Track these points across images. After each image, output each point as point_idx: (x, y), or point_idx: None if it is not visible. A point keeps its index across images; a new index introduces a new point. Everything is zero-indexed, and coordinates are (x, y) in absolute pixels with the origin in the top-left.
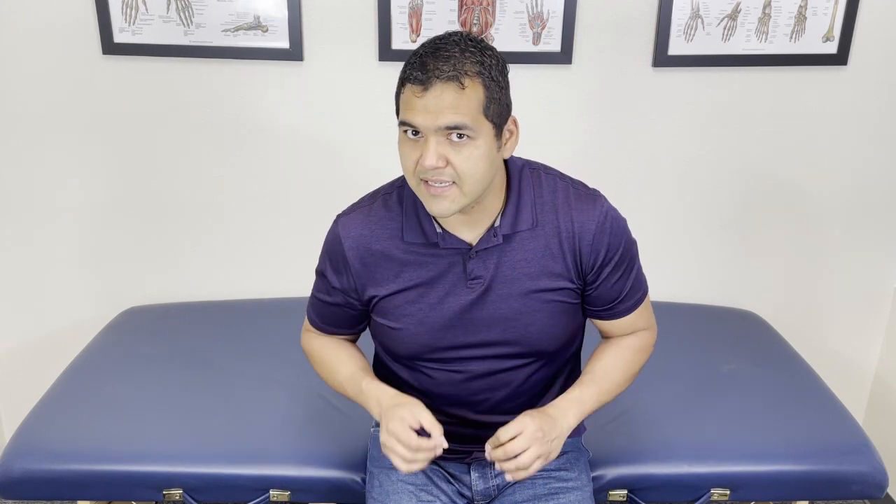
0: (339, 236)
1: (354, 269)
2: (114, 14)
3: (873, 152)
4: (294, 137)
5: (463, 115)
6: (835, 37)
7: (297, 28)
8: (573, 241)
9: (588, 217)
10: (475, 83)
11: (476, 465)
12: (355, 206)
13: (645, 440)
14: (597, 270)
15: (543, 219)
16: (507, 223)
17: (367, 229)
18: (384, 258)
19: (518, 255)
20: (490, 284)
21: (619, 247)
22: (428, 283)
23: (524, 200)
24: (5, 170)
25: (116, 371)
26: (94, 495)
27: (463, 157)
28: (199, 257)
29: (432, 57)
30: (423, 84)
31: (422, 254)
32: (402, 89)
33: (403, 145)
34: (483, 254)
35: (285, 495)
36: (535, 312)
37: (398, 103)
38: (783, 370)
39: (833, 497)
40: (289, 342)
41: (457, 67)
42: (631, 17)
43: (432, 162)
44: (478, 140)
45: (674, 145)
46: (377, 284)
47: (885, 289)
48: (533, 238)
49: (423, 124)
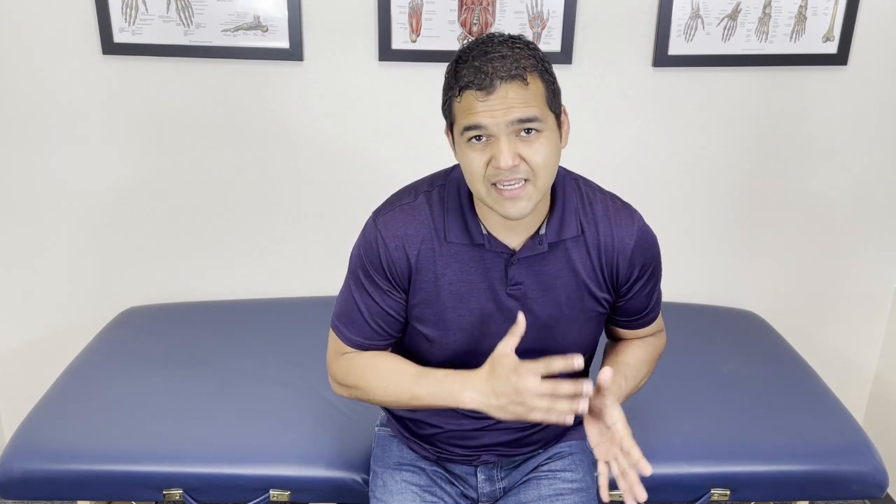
0: (381, 235)
1: (399, 268)
2: (114, 14)
3: (873, 152)
4: (294, 137)
5: (532, 107)
6: (835, 37)
7: (297, 28)
8: (612, 254)
9: (627, 232)
10: (535, 77)
11: (483, 467)
12: (395, 204)
13: (645, 440)
14: (630, 284)
15: (586, 229)
16: (552, 231)
17: (412, 228)
18: (426, 258)
19: (560, 264)
20: (529, 292)
21: (653, 262)
22: (468, 287)
23: (569, 208)
24: (5, 170)
25: (116, 371)
26: (94, 495)
27: (535, 151)
28: (199, 257)
29: (485, 60)
30: (486, 88)
31: (463, 255)
32: (458, 98)
33: (469, 152)
34: (525, 261)
35: (285, 495)
36: (571, 321)
37: (451, 114)
38: (783, 370)
39: (833, 497)
40: (289, 342)
41: (515, 65)
42: (631, 17)
43: (508, 161)
44: (546, 132)
45: (674, 145)
46: (417, 285)
47: (886, 289)
48: (576, 247)
49: (492, 123)
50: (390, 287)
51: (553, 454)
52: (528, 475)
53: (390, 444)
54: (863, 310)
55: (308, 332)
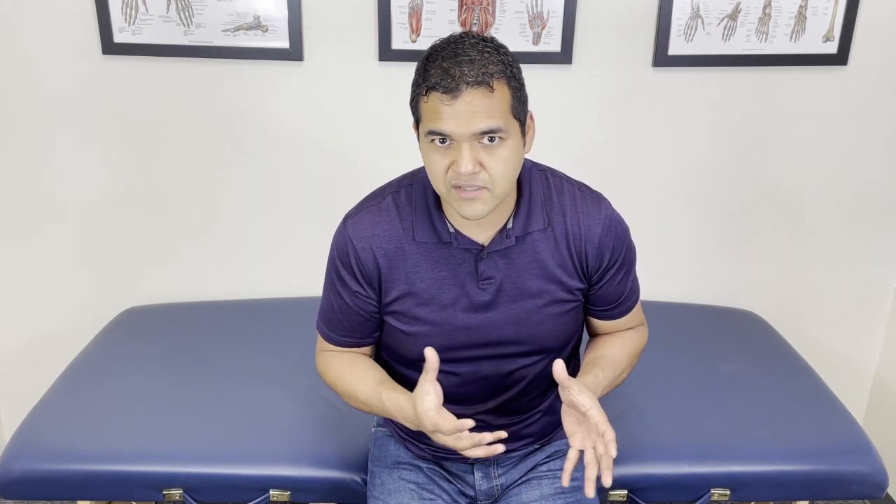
0: (349, 237)
1: (367, 269)
2: (114, 14)
3: (873, 152)
4: (294, 137)
5: (496, 118)
6: (835, 37)
7: (297, 28)
8: (580, 242)
9: (594, 220)
10: (501, 84)
11: (479, 464)
12: (363, 206)
13: (645, 440)
14: (601, 272)
15: (553, 220)
16: (519, 224)
17: (379, 228)
18: (395, 257)
19: (529, 256)
20: (501, 285)
21: (622, 250)
22: (439, 283)
23: (535, 201)
24: (5, 169)
25: (116, 371)
26: (94, 495)
27: (496, 159)
28: (199, 257)
29: (453, 62)
30: (452, 91)
31: (433, 254)
32: (425, 98)
33: (432, 153)
34: (494, 255)
35: (285, 495)
36: (545, 312)
37: (418, 112)
38: (783, 370)
39: (833, 497)
40: (289, 342)
41: (483, 71)
42: (631, 17)
43: (469, 167)
44: (508, 140)
45: (674, 145)
46: (389, 285)
47: (885, 289)
48: (543, 239)
49: (455, 132)
50: (360, 288)
51: (551, 453)
52: (528, 474)
53: (387, 444)
54: (863, 310)
55: (308, 332)
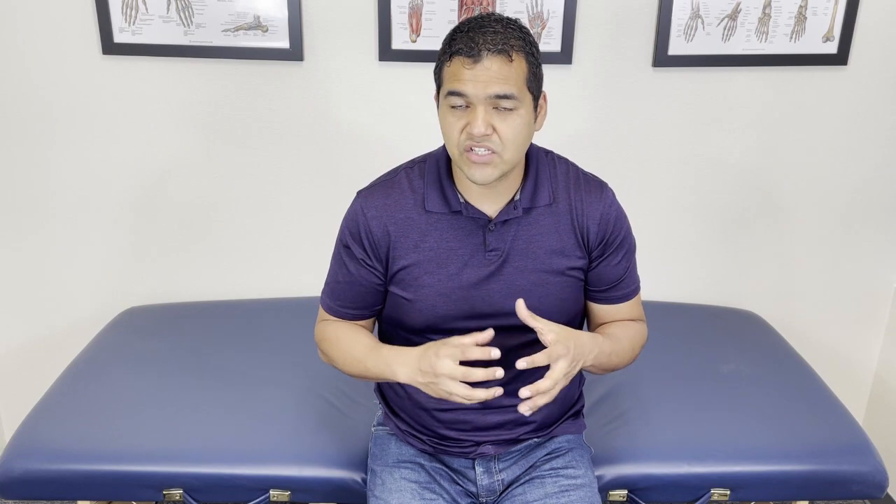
0: (361, 207)
1: (376, 238)
2: (114, 14)
3: (873, 152)
4: (294, 137)
5: (511, 84)
6: (835, 37)
7: (297, 28)
8: (583, 218)
9: (596, 198)
10: (520, 57)
11: (480, 460)
12: (376, 183)
13: (645, 440)
14: (602, 246)
15: (558, 197)
16: (526, 197)
17: (391, 199)
18: (405, 226)
19: (535, 230)
20: (507, 257)
21: (622, 230)
22: (447, 253)
23: (542, 178)
24: (5, 169)
25: (116, 371)
26: (94, 495)
27: (508, 125)
28: (199, 257)
29: (479, 32)
30: (474, 56)
31: (442, 223)
32: (449, 62)
33: (449, 116)
34: (502, 227)
35: (285, 495)
36: (548, 285)
37: (440, 77)
38: (783, 370)
39: (833, 497)
40: (289, 342)
41: (505, 42)
42: (631, 18)
43: (481, 129)
44: (521, 110)
45: (674, 145)
46: (397, 253)
47: (885, 289)
48: (549, 214)
49: (473, 93)
50: (366, 257)
51: (552, 450)
52: (529, 472)
53: (388, 443)
54: (863, 309)
55: (308, 331)
